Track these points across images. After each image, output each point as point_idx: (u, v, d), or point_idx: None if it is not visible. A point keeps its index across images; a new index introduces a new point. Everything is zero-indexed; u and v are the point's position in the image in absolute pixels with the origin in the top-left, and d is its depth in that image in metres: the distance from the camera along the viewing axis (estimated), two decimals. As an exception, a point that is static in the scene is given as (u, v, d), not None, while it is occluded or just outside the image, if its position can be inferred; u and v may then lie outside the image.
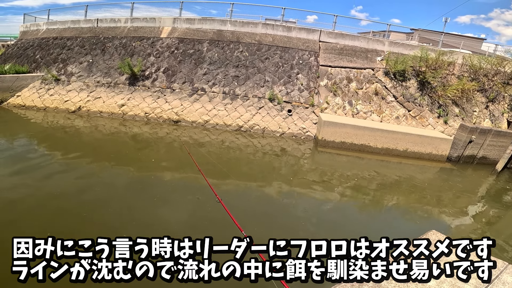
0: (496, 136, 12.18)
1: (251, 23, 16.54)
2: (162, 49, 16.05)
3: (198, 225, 6.00)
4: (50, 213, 5.96)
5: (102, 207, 6.36)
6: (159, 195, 7.04)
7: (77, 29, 18.21)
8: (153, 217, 6.07)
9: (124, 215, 6.13)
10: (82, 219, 5.78)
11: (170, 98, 14.36)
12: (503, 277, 2.99)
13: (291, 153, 11.66)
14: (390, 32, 21.68)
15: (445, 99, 14.38)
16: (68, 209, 6.09)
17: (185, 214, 6.50)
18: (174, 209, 6.56)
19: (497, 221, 8.22)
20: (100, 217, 6.02)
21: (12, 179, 7.24)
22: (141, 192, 7.19)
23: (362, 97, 14.62)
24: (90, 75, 15.47)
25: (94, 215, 6.01)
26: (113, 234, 2.84)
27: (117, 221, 5.95)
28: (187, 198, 7.13)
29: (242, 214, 5.99)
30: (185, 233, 2.84)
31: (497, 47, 20.44)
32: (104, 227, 5.64)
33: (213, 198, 5.04)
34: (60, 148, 9.89)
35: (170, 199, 7.03)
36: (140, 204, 6.58)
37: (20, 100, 14.54)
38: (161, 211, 6.33)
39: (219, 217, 5.31)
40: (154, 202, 6.70)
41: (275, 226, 6.32)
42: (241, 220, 4.19)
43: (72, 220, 5.70)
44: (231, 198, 7.35)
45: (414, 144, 12.19)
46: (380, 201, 8.56)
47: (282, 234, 3.08)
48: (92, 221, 5.79)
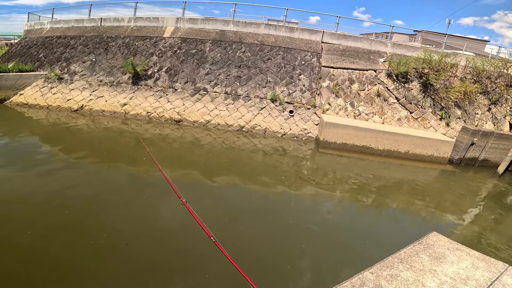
0: (498, 138, 12.14)
1: (253, 24, 16.57)
2: (165, 48, 16.10)
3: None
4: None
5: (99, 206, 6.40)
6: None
7: (81, 28, 18.31)
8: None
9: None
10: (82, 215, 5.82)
11: (172, 98, 14.40)
12: (503, 279, 2.98)
13: (292, 153, 11.66)
14: (393, 33, 21.68)
15: (447, 101, 14.35)
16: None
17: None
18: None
19: (498, 223, 8.19)
20: (105, 217, 6.05)
21: (12, 177, 7.29)
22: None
23: (364, 98, 14.61)
24: (93, 74, 15.55)
25: (93, 216, 6.05)
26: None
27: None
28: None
29: (215, 215, 6.05)
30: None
31: (500, 49, 20.37)
32: (105, 227, 5.66)
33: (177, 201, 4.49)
34: (61, 147, 9.93)
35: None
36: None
37: (22, 99, 14.62)
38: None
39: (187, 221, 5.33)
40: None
41: (262, 230, 6.24)
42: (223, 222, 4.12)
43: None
44: (207, 198, 7.35)
45: (416, 146, 12.17)
46: (381, 203, 8.54)
47: (266, 238, 3.00)
48: (100, 222, 5.82)
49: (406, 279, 2.87)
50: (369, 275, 2.93)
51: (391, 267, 3.05)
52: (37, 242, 4.94)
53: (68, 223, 5.58)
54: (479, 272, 3.06)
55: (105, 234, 5.30)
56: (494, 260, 3.32)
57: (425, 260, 3.17)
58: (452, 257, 3.30)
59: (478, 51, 21.67)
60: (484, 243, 6.77)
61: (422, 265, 3.10)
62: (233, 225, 6.19)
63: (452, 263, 3.17)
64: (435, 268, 3.06)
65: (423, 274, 2.96)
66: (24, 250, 4.71)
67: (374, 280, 2.84)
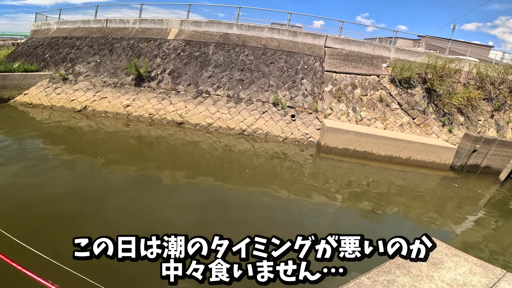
0: (501, 146, 12.09)
1: (257, 27, 16.66)
2: (169, 51, 16.21)
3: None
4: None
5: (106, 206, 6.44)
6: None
7: (87, 29, 18.49)
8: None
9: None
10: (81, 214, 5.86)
11: (175, 100, 14.47)
12: (500, 285, 2.98)
13: (293, 158, 11.67)
14: (396, 38, 21.70)
15: (450, 107, 14.31)
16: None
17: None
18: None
19: (497, 230, 8.14)
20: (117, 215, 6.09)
21: (12, 175, 7.36)
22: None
23: (367, 103, 14.61)
24: (97, 75, 15.67)
25: (96, 214, 6.09)
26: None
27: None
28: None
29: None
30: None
31: (504, 55, 20.33)
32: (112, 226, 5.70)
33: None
34: (61, 146, 10.01)
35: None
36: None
37: (27, 98, 14.76)
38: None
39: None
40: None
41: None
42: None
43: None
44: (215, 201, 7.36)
45: (418, 152, 12.14)
46: (381, 208, 8.52)
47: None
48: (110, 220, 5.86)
49: (403, 285, 2.88)
50: (366, 280, 2.94)
51: (388, 272, 3.06)
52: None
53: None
54: (476, 278, 3.06)
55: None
56: (492, 266, 3.32)
57: (422, 265, 3.18)
58: (450, 262, 3.30)
59: (483, 56, 21.61)
60: (483, 249, 6.74)
61: (419, 270, 3.10)
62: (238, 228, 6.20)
63: (449, 269, 3.17)
64: (432, 274, 3.06)
65: (420, 279, 2.97)
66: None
67: (371, 285, 2.85)
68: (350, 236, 2.91)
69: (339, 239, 2.88)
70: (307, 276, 2.67)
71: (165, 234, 2.73)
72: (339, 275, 2.70)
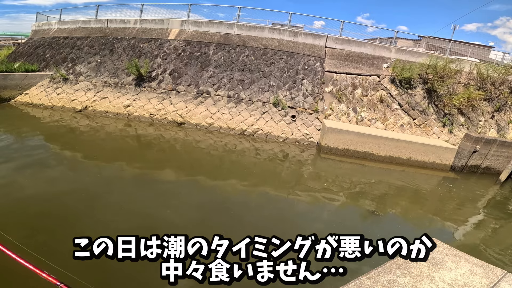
0: (501, 146, 12.08)
1: (257, 27, 16.66)
2: (169, 51, 16.22)
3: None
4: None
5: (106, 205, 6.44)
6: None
7: (88, 29, 18.51)
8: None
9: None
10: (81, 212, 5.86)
11: (175, 100, 14.48)
12: (501, 285, 2.97)
13: (293, 158, 11.67)
14: (397, 39, 21.65)
15: (450, 108, 14.29)
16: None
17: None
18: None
19: (498, 230, 8.13)
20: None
21: (11, 175, 7.36)
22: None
23: (367, 104, 14.60)
24: (97, 75, 15.68)
25: (96, 213, 6.09)
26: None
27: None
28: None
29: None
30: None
31: (505, 55, 20.30)
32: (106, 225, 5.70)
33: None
34: (61, 146, 10.02)
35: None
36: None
37: (27, 98, 14.77)
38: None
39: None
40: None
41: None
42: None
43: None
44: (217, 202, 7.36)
45: (418, 152, 12.12)
46: (381, 208, 8.51)
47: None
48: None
49: (404, 285, 2.87)
50: (367, 280, 2.93)
51: (389, 273, 3.06)
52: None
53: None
54: (477, 278, 3.05)
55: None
56: (493, 267, 3.32)
57: (423, 266, 3.17)
58: (450, 263, 3.29)
59: (483, 57, 21.56)
60: (483, 249, 6.73)
61: (420, 271, 3.10)
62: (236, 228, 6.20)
63: (450, 269, 3.17)
64: (432, 274, 3.06)
65: (420, 280, 2.96)
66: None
67: (371, 286, 2.85)
68: (350, 236, 2.90)
69: (339, 239, 2.87)
70: (307, 276, 2.67)
71: (165, 234, 2.73)
72: (339, 275, 2.70)
